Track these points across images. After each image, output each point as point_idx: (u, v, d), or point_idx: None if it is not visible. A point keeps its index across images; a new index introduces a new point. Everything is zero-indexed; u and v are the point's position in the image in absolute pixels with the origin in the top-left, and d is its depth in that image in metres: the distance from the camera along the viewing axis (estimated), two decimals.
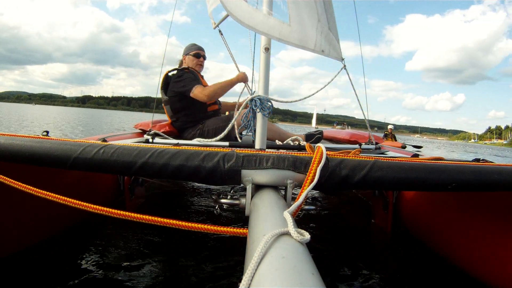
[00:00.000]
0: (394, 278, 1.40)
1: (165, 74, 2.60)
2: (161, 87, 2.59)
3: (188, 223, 0.75)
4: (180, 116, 2.53)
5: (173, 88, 2.49)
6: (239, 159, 0.96)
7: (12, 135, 1.06)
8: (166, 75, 2.60)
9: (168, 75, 2.60)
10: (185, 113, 2.51)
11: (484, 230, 1.32)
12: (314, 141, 2.59)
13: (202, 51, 2.73)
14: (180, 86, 2.45)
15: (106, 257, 1.39)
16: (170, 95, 2.51)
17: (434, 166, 0.95)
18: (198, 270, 1.32)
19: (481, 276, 1.30)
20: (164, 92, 2.57)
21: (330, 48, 1.58)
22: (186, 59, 2.69)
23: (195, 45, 2.76)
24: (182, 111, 2.51)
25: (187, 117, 2.51)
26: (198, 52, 2.68)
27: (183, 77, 2.49)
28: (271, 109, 1.46)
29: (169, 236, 1.63)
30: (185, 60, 2.69)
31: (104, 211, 0.81)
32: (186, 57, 2.69)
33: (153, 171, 0.96)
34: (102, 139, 1.51)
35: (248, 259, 0.52)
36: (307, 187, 0.86)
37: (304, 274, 0.44)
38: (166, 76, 2.59)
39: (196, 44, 2.78)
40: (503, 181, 0.92)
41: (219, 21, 2.48)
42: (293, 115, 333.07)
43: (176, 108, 2.52)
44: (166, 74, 2.60)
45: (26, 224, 1.32)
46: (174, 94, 2.49)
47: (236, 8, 1.33)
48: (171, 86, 2.51)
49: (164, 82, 2.58)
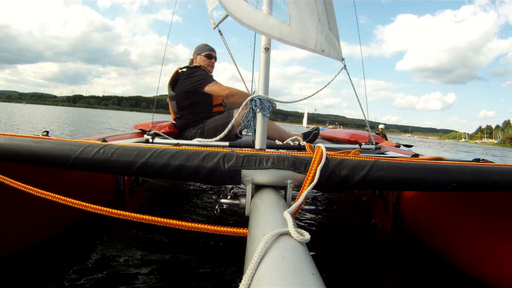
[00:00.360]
0: (394, 278, 1.40)
1: (175, 70, 2.61)
2: (169, 82, 2.59)
3: (188, 223, 0.76)
4: (184, 114, 2.54)
5: (183, 84, 2.49)
6: (239, 159, 0.96)
7: (12, 135, 1.06)
8: (177, 72, 2.60)
9: (179, 72, 2.60)
10: (190, 111, 2.52)
11: (484, 230, 1.32)
12: (312, 138, 2.61)
13: (214, 52, 2.76)
14: (192, 82, 2.46)
15: (106, 257, 1.39)
16: (178, 91, 2.52)
17: (434, 166, 0.95)
18: (198, 270, 1.32)
19: (481, 276, 1.30)
20: (171, 88, 2.58)
21: (330, 48, 1.58)
22: (198, 58, 2.70)
23: (208, 46, 2.78)
24: (187, 109, 2.52)
25: (191, 115, 2.52)
26: (210, 53, 2.71)
27: (196, 73, 2.50)
28: (271, 109, 1.46)
29: (169, 236, 1.63)
30: (196, 59, 2.70)
31: (104, 211, 0.81)
32: (198, 57, 2.70)
33: (153, 171, 0.96)
34: (102, 139, 1.51)
35: (248, 259, 0.52)
36: (307, 187, 0.86)
37: (304, 274, 0.44)
38: (176, 73, 2.60)
39: (208, 45, 2.80)
40: (503, 181, 0.92)
41: (219, 21, 2.48)
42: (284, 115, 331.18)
43: (182, 105, 2.53)
44: (177, 71, 2.61)
45: (26, 224, 1.32)
46: (182, 91, 2.50)
47: (236, 8, 1.33)
48: (180, 83, 2.52)
49: (174, 79, 2.58)
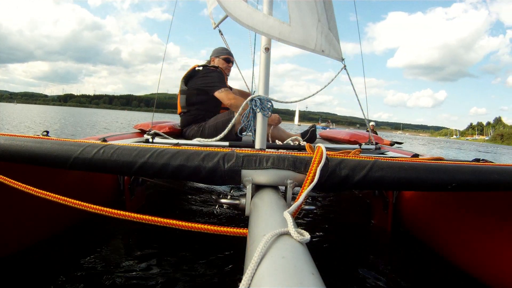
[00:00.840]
0: (394, 278, 1.40)
1: (193, 67, 2.65)
2: (184, 77, 2.62)
3: (188, 223, 0.75)
4: (192, 109, 2.56)
5: (198, 81, 2.52)
6: (239, 159, 0.96)
7: (12, 135, 1.06)
8: (193, 69, 2.63)
9: (195, 69, 2.63)
10: (198, 108, 2.55)
11: (484, 230, 1.32)
12: (311, 137, 2.65)
13: (232, 57, 2.82)
14: (207, 82, 2.50)
15: (106, 257, 1.39)
16: (191, 87, 2.54)
17: (434, 166, 0.95)
18: (198, 270, 1.32)
19: (481, 276, 1.30)
20: (185, 82, 2.60)
21: (330, 48, 1.58)
22: (216, 61, 2.75)
23: (226, 50, 2.84)
24: (196, 105, 2.55)
25: (198, 112, 2.55)
26: (228, 57, 2.77)
27: (212, 74, 2.54)
28: (271, 109, 1.46)
29: (169, 236, 1.63)
30: (214, 61, 2.76)
31: (104, 211, 0.81)
32: (216, 59, 2.75)
33: (153, 171, 0.96)
34: (102, 139, 1.51)
35: (248, 259, 0.52)
36: (307, 187, 0.86)
37: (304, 274, 0.44)
38: (193, 69, 2.63)
39: (226, 49, 2.86)
40: (503, 181, 0.92)
41: (219, 21, 2.48)
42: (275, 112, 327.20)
43: (191, 101, 2.56)
44: (194, 67, 2.64)
45: (26, 224, 1.32)
46: (195, 88, 2.52)
47: (236, 8, 1.33)
48: (196, 80, 2.55)
49: (189, 74, 2.61)
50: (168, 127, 2.55)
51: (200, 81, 2.52)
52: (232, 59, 2.81)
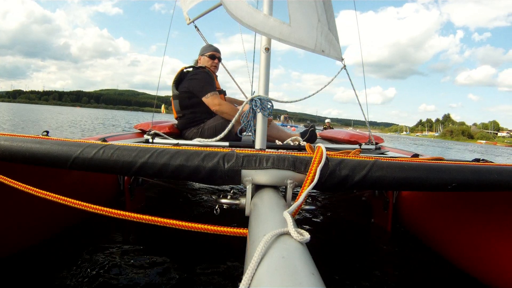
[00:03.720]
0: (394, 277, 1.40)
1: (180, 70, 2.62)
2: (174, 81, 2.60)
3: (188, 223, 0.75)
4: (186, 113, 2.55)
5: (186, 84, 2.50)
6: (239, 159, 0.96)
7: (12, 135, 1.06)
8: (181, 71, 2.61)
9: (183, 71, 2.61)
10: (192, 111, 2.52)
11: (484, 230, 1.32)
12: (310, 137, 2.64)
13: (218, 52, 2.76)
14: (195, 85, 2.47)
15: (106, 257, 1.39)
16: (182, 91, 2.52)
17: (434, 166, 0.95)
18: (198, 270, 1.32)
19: (481, 276, 1.30)
20: (175, 87, 2.58)
21: (330, 48, 1.58)
22: (202, 59, 2.71)
23: (211, 47, 2.79)
24: (189, 108, 2.53)
25: (193, 115, 2.53)
26: (213, 54, 2.71)
27: (199, 76, 2.50)
28: (271, 109, 1.46)
29: (169, 236, 1.63)
30: (201, 60, 2.72)
31: (104, 211, 0.81)
32: (202, 58, 2.71)
33: (153, 171, 0.96)
34: (102, 139, 1.51)
35: (248, 259, 0.52)
36: (307, 187, 0.86)
37: (304, 274, 0.44)
38: (181, 72, 2.60)
39: (212, 46, 2.81)
40: (503, 181, 0.92)
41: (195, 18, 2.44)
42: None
43: (184, 105, 2.53)
44: (182, 70, 2.62)
45: (26, 224, 1.32)
46: (186, 91, 2.50)
47: (236, 8, 1.33)
48: (185, 83, 2.52)
49: (178, 78, 2.59)
50: (168, 127, 2.55)
51: (189, 84, 2.48)
52: (218, 55, 2.73)
